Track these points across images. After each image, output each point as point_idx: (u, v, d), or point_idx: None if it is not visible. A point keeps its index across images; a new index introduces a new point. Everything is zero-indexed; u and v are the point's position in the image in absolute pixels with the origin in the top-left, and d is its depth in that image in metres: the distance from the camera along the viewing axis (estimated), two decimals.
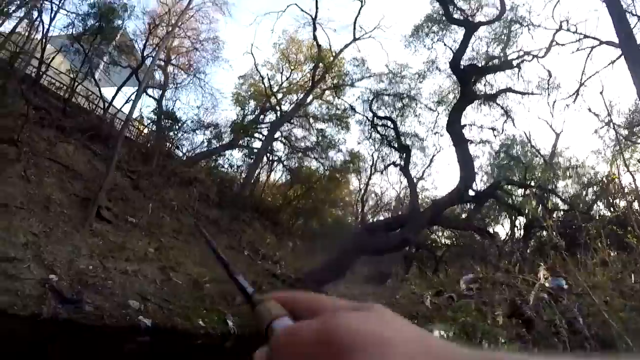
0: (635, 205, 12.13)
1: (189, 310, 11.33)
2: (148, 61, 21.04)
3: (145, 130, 26.11)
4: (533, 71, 52.32)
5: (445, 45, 23.54)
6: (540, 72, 23.33)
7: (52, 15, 18.26)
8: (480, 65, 22.19)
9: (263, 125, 30.25)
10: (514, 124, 24.34)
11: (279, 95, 30.31)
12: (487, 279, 11.75)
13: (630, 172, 11.22)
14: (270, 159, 31.15)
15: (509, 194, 21.62)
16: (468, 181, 17.87)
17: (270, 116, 30.72)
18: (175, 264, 13.74)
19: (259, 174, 30.69)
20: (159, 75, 25.70)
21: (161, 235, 15.16)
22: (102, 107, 21.40)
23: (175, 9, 23.54)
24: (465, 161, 18.16)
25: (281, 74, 31.20)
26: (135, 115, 21.11)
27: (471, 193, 18.94)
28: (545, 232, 18.50)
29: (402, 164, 23.55)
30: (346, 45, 28.38)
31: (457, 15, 21.20)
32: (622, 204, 18.95)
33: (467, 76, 20.03)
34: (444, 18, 22.02)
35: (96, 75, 21.85)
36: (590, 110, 22.35)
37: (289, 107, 29.58)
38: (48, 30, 18.07)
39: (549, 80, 22.49)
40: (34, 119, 14.45)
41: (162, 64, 24.68)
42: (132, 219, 14.70)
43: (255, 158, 27.12)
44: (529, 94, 22.80)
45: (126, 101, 22.90)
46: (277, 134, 29.17)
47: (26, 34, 18.28)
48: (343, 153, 31.38)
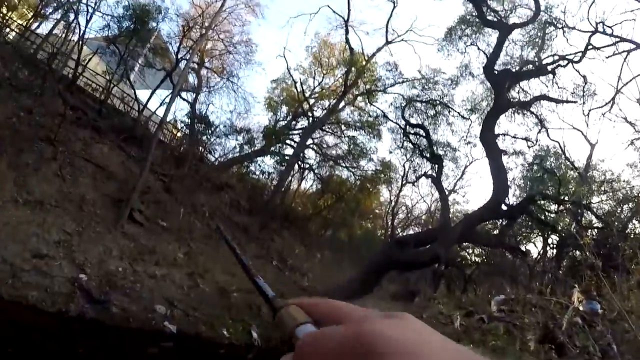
0: None
1: (215, 318, 11.25)
2: (182, 64, 21.25)
3: (179, 134, 26.37)
4: (567, 77, 50.90)
5: (478, 49, 23.03)
6: (575, 78, 22.48)
7: (88, 18, 18.78)
8: (514, 70, 21.70)
9: (295, 132, 30.16)
10: (548, 134, 23.59)
11: (311, 101, 30.15)
12: (519, 300, 11.42)
13: None
14: (302, 166, 31.08)
15: (542, 209, 20.87)
16: (501, 195, 17.30)
17: (303, 122, 30.65)
18: (204, 270, 13.69)
19: (290, 181, 30.64)
20: (192, 78, 25.91)
21: (191, 241, 15.15)
22: (137, 109, 21.70)
23: (208, 11, 23.73)
24: (498, 173, 17.58)
25: (313, 78, 31.08)
26: (169, 118, 21.34)
27: (504, 208, 18.32)
28: (579, 252, 17.85)
29: (434, 175, 23.07)
30: (379, 49, 28.14)
31: (491, 17, 20.79)
32: None
33: (501, 82, 19.53)
34: (477, 20, 21.57)
35: (131, 77, 22.14)
36: (626, 119, 21.63)
37: (321, 113, 29.45)
38: (84, 32, 18.53)
39: (584, 87, 21.62)
40: (71, 118, 14.68)
41: (196, 66, 24.83)
42: (163, 223, 14.74)
43: (286, 165, 26.99)
44: (563, 101, 21.86)
45: (160, 104, 23.21)
46: (309, 141, 29.01)
47: (63, 35, 18.72)
48: (374, 162, 30.97)
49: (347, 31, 26.55)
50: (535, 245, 30.65)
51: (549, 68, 20.81)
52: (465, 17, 23.47)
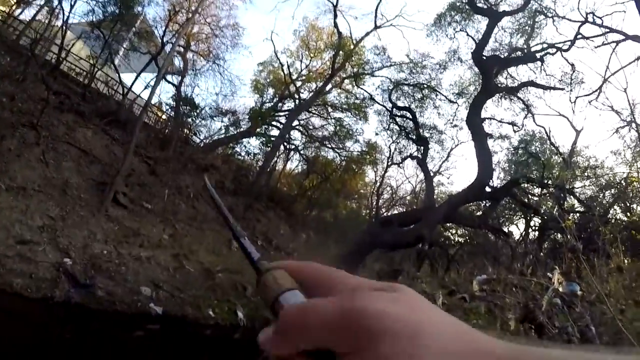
0: None
1: (200, 299, 11.41)
2: (168, 47, 21.13)
3: (164, 117, 26.35)
4: (556, 65, 51.33)
5: (467, 35, 23.15)
6: (563, 67, 22.61)
7: (72, 3, 18.51)
8: (502, 56, 21.84)
9: (281, 113, 30.23)
10: (534, 120, 23.88)
11: (298, 83, 30.12)
12: (501, 280, 11.51)
13: None
14: (287, 147, 31.15)
15: (526, 192, 21.21)
16: (486, 177, 17.61)
17: (289, 104, 30.66)
18: (189, 251, 13.84)
19: (276, 162, 30.75)
20: (178, 62, 25.75)
21: (176, 222, 15.27)
22: (121, 93, 21.61)
23: None
24: (483, 156, 17.90)
25: (301, 61, 31.05)
26: (154, 101, 21.26)
27: (488, 190, 18.59)
28: (560, 235, 18.15)
29: (420, 157, 23.29)
30: (367, 33, 28.06)
31: (481, 4, 20.91)
32: None
33: (489, 67, 19.70)
34: (467, 7, 21.70)
35: (116, 62, 22.03)
36: (612, 108, 21.91)
37: (308, 96, 29.42)
38: (68, 18, 18.29)
39: (572, 74, 21.86)
40: (54, 103, 14.64)
41: (182, 50, 24.67)
42: (148, 205, 14.83)
43: (272, 146, 27.02)
44: (551, 88, 22.13)
45: (145, 87, 23.14)
46: (295, 123, 29.00)
47: (46, 21, 18.47)
48: (360, 144, 31.21)
49: (336, 15, 26.36)
50: (517, 227, 31.12)
51: (538, 55, 21.02)
52: (455, 4, 23.56)
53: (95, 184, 13.56)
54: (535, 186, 20.66)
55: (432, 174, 27.06)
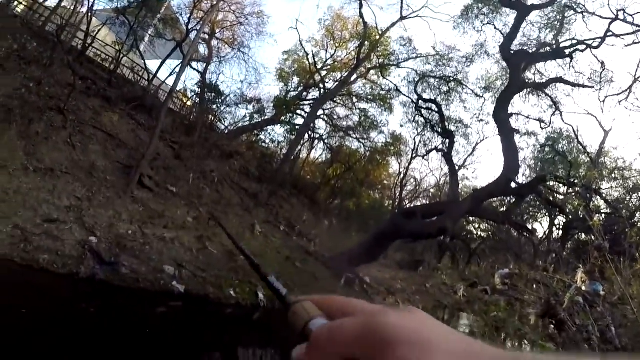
0: None
1: (222, 279, 11.59)
2: (192, 34, 21.29)
3: (189, 103, 26.62)
4: (585, 62, 50.27)
5: (495, 28, 22.80)
6: (593, 64, 22.01)
7: None
8: (530, 51, 21.41)
9: (306, 103, 30.32)
10: (562, 117, 23.43)
11: (323, 73, 30.11)
12: (523, 275, 11.43)
13: None
14: (312, 136, 31.25)
15: (551, 190, 20.86)
16: (512, 173, 17.34)
17: (314, 93, 30.72)
18: (212, 234, 14.04)
19: (300, 151, 30.87)
20: (203, 49, 26.01)
21: (200, 206, 15.49)
22: (147, 79, 21.88)
23: None
24: (510, 151, 17.63)
25: (326, 51, 31.10)
26: (179, 87, 21.48)
27: (513, 186, 18.32)
28: (584, 235, 17.83)
29: (445, 150, 23.07)
30: (393, 24, 27.78)
31: None
32: None
33: (517, 62, 19.33)
34: None
35: (141, 48, 22.28)
36: None
37: (333, 85, 29.36)
38: (93, 4, 18.54)
39: (601, 72, 21.19)
40: (80, 88, 14.92)
41: (207, 37, 24.89)
42: (173, 188, 15.07)
43: (296, 135, 27.11)
44: (580, 85, 21.51)
45: (170, 73, 23.33)
46: (320, 112, 29.03)
47: (72, 7, 18.76)
48: (385, 135, 31.28)
49: (361, 5, 26.18)
50: (541, 225, 30.87)
51: (567, 52, 20.36)
52: None
53: (121, 167, 13.84)
54: (561, 185, 20.25)
55: (457, 168, 26.87)
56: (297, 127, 27.81)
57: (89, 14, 18.16)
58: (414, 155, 31.04)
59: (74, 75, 14.17)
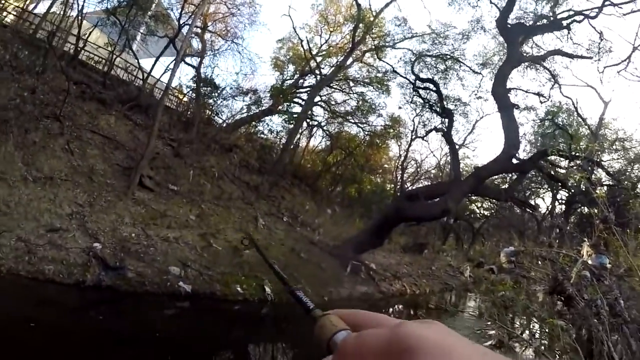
0: None
1: (228, 276, 11.66)
2: (185, 29, 21.11)
3: (185, 99, 26.48)
4: (583, 33, 49.64)
5: (491, 2, 22.31)
6: (591, 35, 21.68)
7: None
8: (527, 24, 21.18)
9: (302, 90, 30.12)
10: (560, 91, 23.16)
11: (319, 59, 29.80)
12: (528, 252, 11.40)
13: None
14: (310, 124, 31.12)
15: (553, 165, 20.79)
16: (513, 148, 17.19)
17: (310, 80, 30.42)
18: (216, 230, 14.12)
19: (299, 139, 30.72)
20: (196, 43, 25.80)
21: (202, 202, 15.53)
22: (141, 78, 21.74)
23: None
24: (510, 127, 17.47)
25: (320, 36, 30.70)
26: (174, 84, 21.42)
27: (515, 162, 18.23)
28: (587, 208, 17.77)
29: (445, 129, 22.95)
30: (387, 4, 27.20)
31: None
32: None
33: (514, 36, 19.13)
34: None
35: (134, 47, 22.13)
36: None
37: (329, 71, 29.02)
38: (83, 7, 18.34)
39: (599, 43, 20.77)
40: (75, 93, 14.91)
41: (199, 31, 24.69)
42: (174, 187, 15.10)
43: (294, 123, 26.99)
44: (578, 57, 21.10)
45: (165, 70, 23.23)
46: (317, 99, 28.80)
47: (61, 12, 18.58)
48: (383, 118, 30.99)
49: None
50: (543, 200, 30.84)
51: (564, 23, 20.02)
52: None
53: (120, 169, 13.86)
54: (562, 158, 20.14)
55: (457, 147, 26.72)
56: (295, 116, 27.67)
57: (79, 17, 18.03)
58: (414, 136, 30.76)
59: (67, 80, 14.16)
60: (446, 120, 22.87)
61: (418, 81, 24.68)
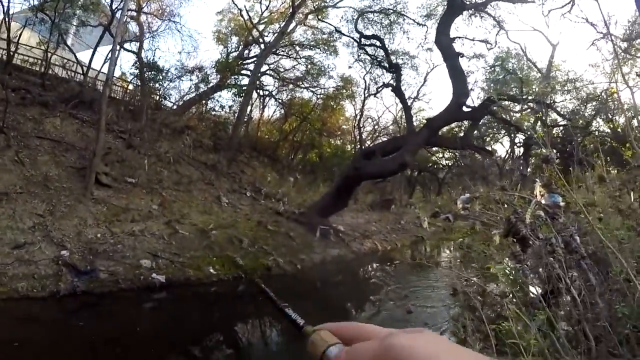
0: (635, 122, 11.96)
1: (199, 260, 11.94)
2: (118, 14, 20.47)
3: (130, 87, 25.93)
4: None
5: None
6: None
7: None
8: None
9: (249, 61, 29.87)
10: (507, 37, 23.61)
11: (261, 27, 29.49)
12: (483, 197, 11.62)
13: (630, 87, 10.85)
14: (261, 94, 31.01)
15: (506, 109, 21.34)
16: (461, 96, 17.50)
17: (255, 50, 30.18)
18: (180, 216, 14.30)
19: (251, 111, 30.69)
20: (132, 27, 25.19)
21: (162, 190, 15.59)
22: (82, 72, 21.21)
23: None
24: (457, 76, 17.70)
25: (260, 3, 30.27)
26: (116, 73, 20.95)
27: (465, 109, 18.71)
28: (544, 149, 18.37)
29: (394, 84, 23.23)
30: None
31: None
32: (622, 120, 18.73)
33: None
34: None
35: (68, 41, 21.42)
36: (587, 20, 21.60)
37: (273, 38, 28.83)
38: (9, 8, 17.61)
39: None
40: (15, 100, 14.52)
41: (134, 14, 24.10)
42: (131, 179, 15.06)
43: (245, 95, 26.85)
44: (521, 1, 21.40)
45: (105, 61, 22.57)
46: (265, 68, 28.72)
47: None
48: (334, 79, 31.19)
49: None
50: (502, 145, 31.70)
51: None
52: None
53: (75, 171, 13.74)
54: (515, 103, 20.66)
55: (411, 101, 27.11)
56: (244, 88, 27.50)
57: (7, 19, 17.36)
58: (367, 94, 31.09)
59: (5, 89, 13.80)
60: (394, 74, 23.16)
61: (363, 39, 24.77)
